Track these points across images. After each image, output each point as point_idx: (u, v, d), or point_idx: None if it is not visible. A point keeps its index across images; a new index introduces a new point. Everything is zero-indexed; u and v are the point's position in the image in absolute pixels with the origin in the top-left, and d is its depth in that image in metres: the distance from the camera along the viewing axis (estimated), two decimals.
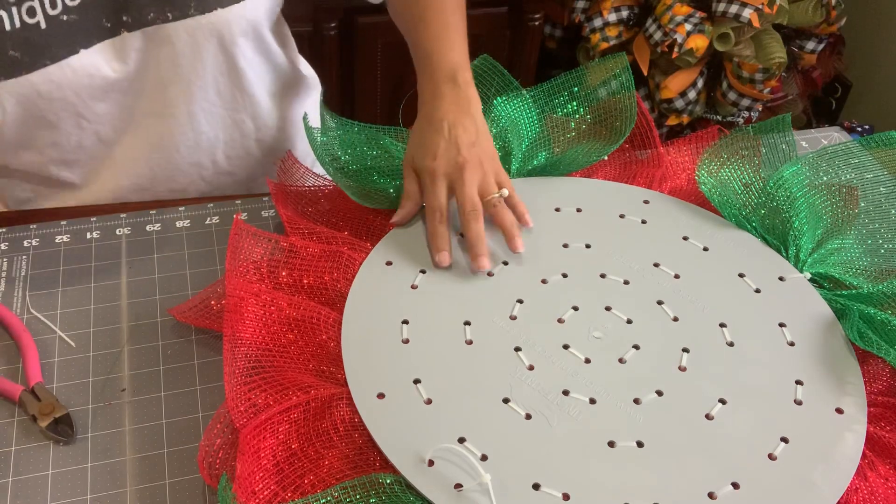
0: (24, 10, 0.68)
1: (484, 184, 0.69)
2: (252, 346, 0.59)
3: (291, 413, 0.55)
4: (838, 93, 2.10)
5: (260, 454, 0.52)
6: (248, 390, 0.55)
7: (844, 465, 0.55)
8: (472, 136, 0.70)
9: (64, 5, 0.70)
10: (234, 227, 0.66)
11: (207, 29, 0.76)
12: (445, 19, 0.76)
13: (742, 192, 0.74)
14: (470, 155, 0.69)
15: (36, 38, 0.70)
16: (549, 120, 0.81)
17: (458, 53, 0.74)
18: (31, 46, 0.70)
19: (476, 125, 0.71)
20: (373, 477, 0.51)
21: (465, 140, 0.69)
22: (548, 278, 0.67)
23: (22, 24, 0.69)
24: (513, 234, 0.69)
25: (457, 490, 0.51)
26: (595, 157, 0.78)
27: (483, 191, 0.69)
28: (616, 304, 0.65)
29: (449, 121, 0.70)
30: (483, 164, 0.70)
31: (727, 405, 0.58)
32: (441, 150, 0.69)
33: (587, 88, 0.81)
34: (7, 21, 0.68)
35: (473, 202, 0.68)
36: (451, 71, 0.73)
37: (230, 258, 0.64)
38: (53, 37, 0.71)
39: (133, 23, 0.74)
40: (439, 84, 0.72)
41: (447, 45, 0.74)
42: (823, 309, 0.66)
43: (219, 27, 0.77)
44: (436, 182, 0.69)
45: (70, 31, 0.71)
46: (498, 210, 0.69)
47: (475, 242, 0.67)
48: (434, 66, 0.73)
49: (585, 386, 0.59)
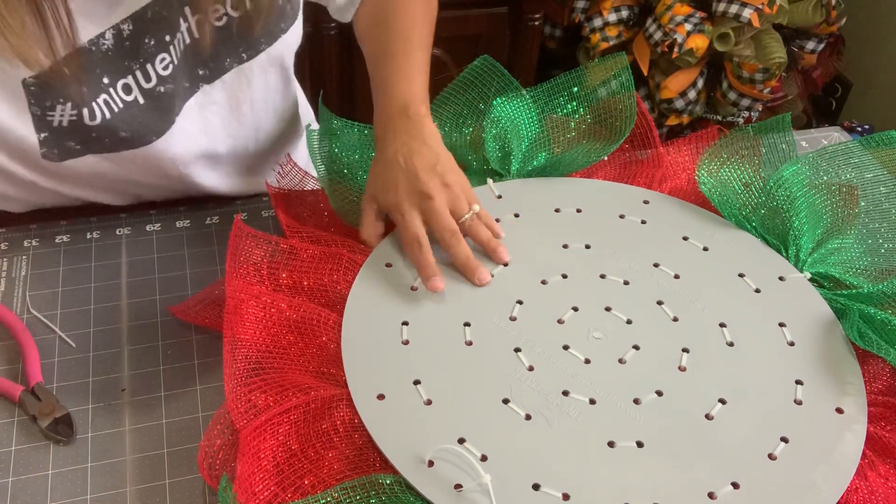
0: (119, 88, 0.68)
1: (454, 204, 0.68)
2: (252, 348, 0.59)
3: (291, 414, 0.55)
4: (838, 93, 2.10)
5: (260, 455, 0.52)
6: (248, 391, 0.55)
7: (844, 464, 0.55)
8: (429, 160, 0.68)
9: (158, 76, 0.70)
10: (234, 229, 0.66)
11: (274, 56, 0.78)
12: (408, 52, 0.75)
13: (742, 192, 0.74)
14: (431, 179, 0.67)
15: (138, 115, 0.70)
16: (549, 120, 0.81)
17: (415, 86, 0.73)
18: (137, 124, 0.70)
19: (432, 150, 0.69)
20: (373, 477, 0.51)
21: (422, 166, 0.67)
22: (547, 279, 0.67)
23: (124, 104, 0.69)
24: (493, 248, 0.68)
25: (457, 490, 0.51)
26: (595, 158, 0.78)
27: (456, 211, 0.68)
28: (616, 305, 0.65)
29: (403, 153, 0.68)
30: (449, 185, 0.68)
31: (727, 405, 0.58)
32: (401, 182, 0.67)
33: (587, 88, 0.81)
34: (113, 104, 0.68)
35: (450, 227, 0.67)
36: (404, 104, 0.71)
37: (230, 260, 0.64)
38: (153, 110, 0.71)
39: (211, 75, 0.74)
40: (392, 118, 0.71)
41: (405, 78, 0.73)
42: (823, 309, 0.66)
43: (282, 52, 0.78)
44: (405, 214, 0.67)
45: (168, 102, 0.72)
46: (473, 228, 0.68)
47: (466, 263, 0.66)
48: (388, 99, 0.72)
49: (585, 386, 0.59)
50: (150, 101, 0.70)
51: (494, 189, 0.75)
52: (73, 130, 0.68)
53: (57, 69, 0.63)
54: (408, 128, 0.70)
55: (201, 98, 0.76)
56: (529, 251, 0.69)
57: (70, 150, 0.70)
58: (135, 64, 0.68)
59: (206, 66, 0.74)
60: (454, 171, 0.69)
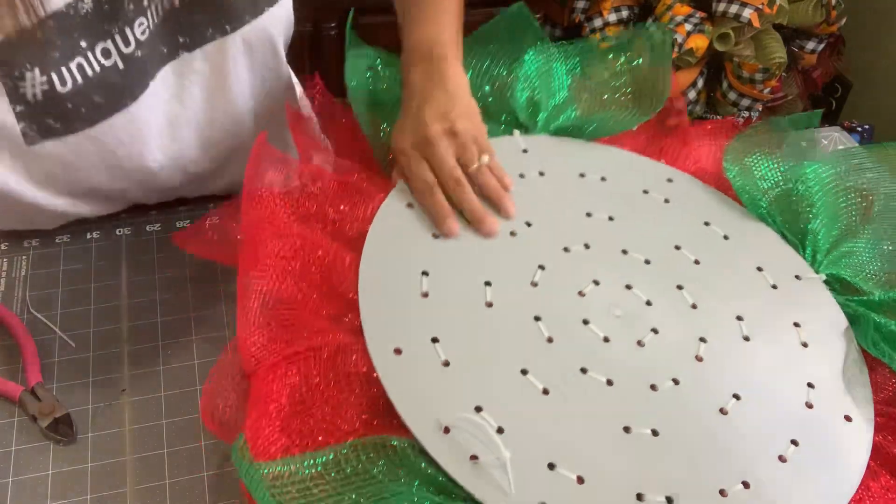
0: (98, 52, 0.67)
1: (463, 153, 0.66)
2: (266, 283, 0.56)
3: (306, 357, 0.53)
4: (838, 93, 2.10)
5: (270, 399, 0.50)
6: (260, 332, 0.53)
7: (850, 474, 0.54)
8: (441, 107, 0.66)
9: (136, 40, 0.69)
10: (256, 146, 0.62)
11: (261, 29, 0.76)
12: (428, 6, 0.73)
13: (766, 186, 0.72)
14: (436, 125, 0.65)
15: (116, 80, 0.69)
16: (581, 82, 0.78)
17: (441, 28, 0.70)
18: (113, 89, 0.69)
19: (448, 95, 0.67)
20: (384, 438, 0.50)
21: (431, 113, 0.65)
22: (570, 247, 0.65)
23: (102, 69, 0.68)
24: (500, 198, 0.66)
25: (472, 461, 0.50)
26: (624, 126, 0.76)
27: (463, 160, 0.66)
28: (637, 284, 0.63)
29: (418, 99, 0.66)
30: (457, 133, 0.66)
31: (741, 401, 0.57)
32: (408, 127, 0.66)
33: (624, 55, 0.79)
34: (88, 68, 0.67)
35: (454, 175, 0.65)
36: (429, 46, 0.69)
37: (247, 185, 0.60)
38: (131, 75, 0.70)
39: (192, 42, 0.73)
40: (415, 62, 0.69)
41: (431, 20, 0.71)
42: (837, 312, 0.65)
43: (269, 26, 0.76)
44: (410, 161, 0.65)
45: (143, 66, 0.71)
46: (479, 178, 0.66)
47: (472, 210, 0.64)
48: (413, 42, 0.70)
49: (603, 365, 0.57)
50: (129, 66, 0.69)
51: (521, 143, 0.73)
52: (48, 103, 0.66)
53: (28, 33, 0.61)
54: (429, 72, 0.68)
55: (180, 65, 0.74)
56: (553, 214, 0.67)
57: (49, 128, 0.68)
58: (114, 28, 0.67)
59: (187, 33, 0.72)
60: (467, 118, 0.67)
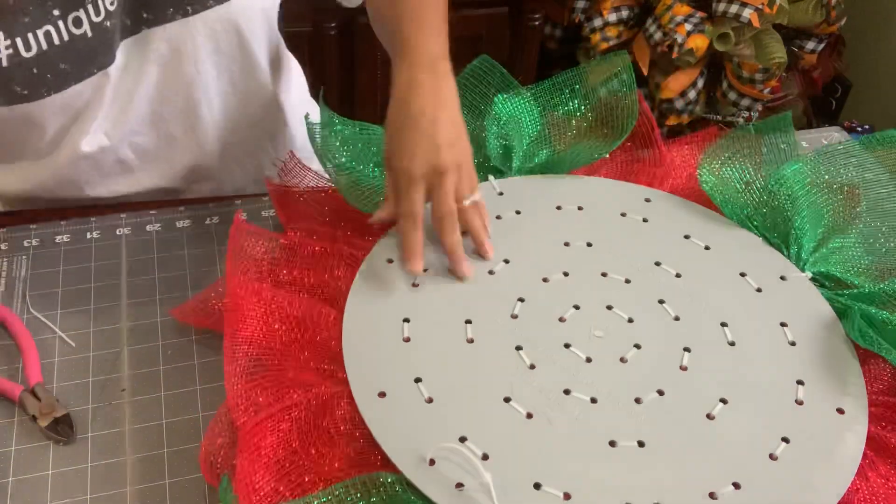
0: (70, 21, 0.68)
1: (459, 187, 0.66)
2: (252, 345, 0.59)
3: (292, 411, 0.55)
4: (838, 93, 2.10)
5: (260, 452, 0.52)
6: (248, 388, 0.55)
7: (845, 465, 0.54)
8: (451, 135, 0.66)
9: (106, 11, 0.69)
10: (235, 226, 0.66)
11: (226, 19, 0.76)
12: (430, 13, 0.72)
13: (743, 191, 0.74)
14: (449, 157, 0.65)
15: (83, 48, 0.69)
16: (551, 118, 0.81)
17: (439, 43, 0.70)
18: (80, 56, 0.70)
19: (454, 122, 0.67)
20: (374, 476, 0.51)
21: (444, 139, 0.65)
22: (549, 277, 0.67)
23: (70, 37, 0.68)
24: (482, 241, 0.67)
25: (458, 490, 0.51)
26: (597, 155, 0.78)
27: (458, 194, 0.67)
28: (617, 303, 0.65)
29: (428, 116, 0.65)
30: (461, 166, 0.66)
31: (728, 405, 0.58)
32: (420, 149, 0.64)
33: (588, 86, 0.81)
34: (55, 35, 0.68)
35: (451, 208, 0.65)
36: (431, 59, 0.68)
37: (231, 257, 0.64)
38: (98, 44, 0.70)
39: (155, 19, 0.73)
40: (417, 72, 0.67)
41: (427, 32, 0.70)
42: (825, 308, 0.65)
43: (236, 17, 0.76)
44: (412, 186, 0.64)
45: (111, 36, 0.71)
46: (468, 215, 0.67)
47: (455, 249, 0.65)
48: (412, 52, 0.69)
49: (586, 385, 0.59)
50: (97, 34, 0.70)
51: (496, 186, 0.75)
52: (14, 70, 0.67)
53: None
54: (435, 86, 0.67)
55: (141, 41, 0.74)
56: (531, 248, 0.69)
57: (16, 94, 0.69)
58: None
59: (150, 10, 0.73)
60: (467, 153, 0.68)
